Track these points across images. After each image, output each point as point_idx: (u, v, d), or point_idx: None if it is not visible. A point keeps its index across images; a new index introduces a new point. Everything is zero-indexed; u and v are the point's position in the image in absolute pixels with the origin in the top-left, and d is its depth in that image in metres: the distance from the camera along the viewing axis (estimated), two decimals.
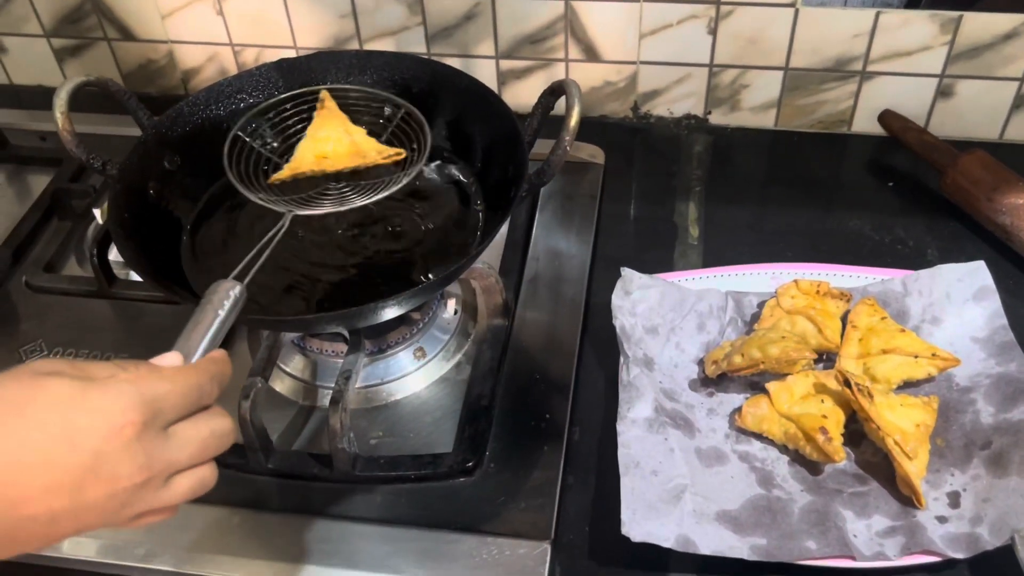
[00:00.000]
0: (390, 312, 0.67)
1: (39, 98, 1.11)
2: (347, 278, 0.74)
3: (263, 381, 0.69)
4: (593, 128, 1.02)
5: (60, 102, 0.70)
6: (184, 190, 0.77)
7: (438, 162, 0.81)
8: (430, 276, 0.72)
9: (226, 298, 0.53)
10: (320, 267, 0.75)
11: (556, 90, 0.70)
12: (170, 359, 0.49)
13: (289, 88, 0.81)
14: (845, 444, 0.69)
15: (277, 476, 0.71)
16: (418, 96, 0.79)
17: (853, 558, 0.62)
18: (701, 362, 0.76)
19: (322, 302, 0.71)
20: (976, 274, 0.76)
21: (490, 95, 0.76)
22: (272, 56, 0.98)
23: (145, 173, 0.74)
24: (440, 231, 0.77)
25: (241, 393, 0.67)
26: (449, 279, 0.70)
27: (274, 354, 0.70)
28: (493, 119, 0.75)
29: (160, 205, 0.75)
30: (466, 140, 0.79)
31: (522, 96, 1.01)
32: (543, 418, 0.74)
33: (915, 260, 0.85)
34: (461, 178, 0.80)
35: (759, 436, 0.71)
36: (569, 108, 0.66)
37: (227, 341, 0.79)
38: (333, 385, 0.69)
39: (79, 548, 0.67)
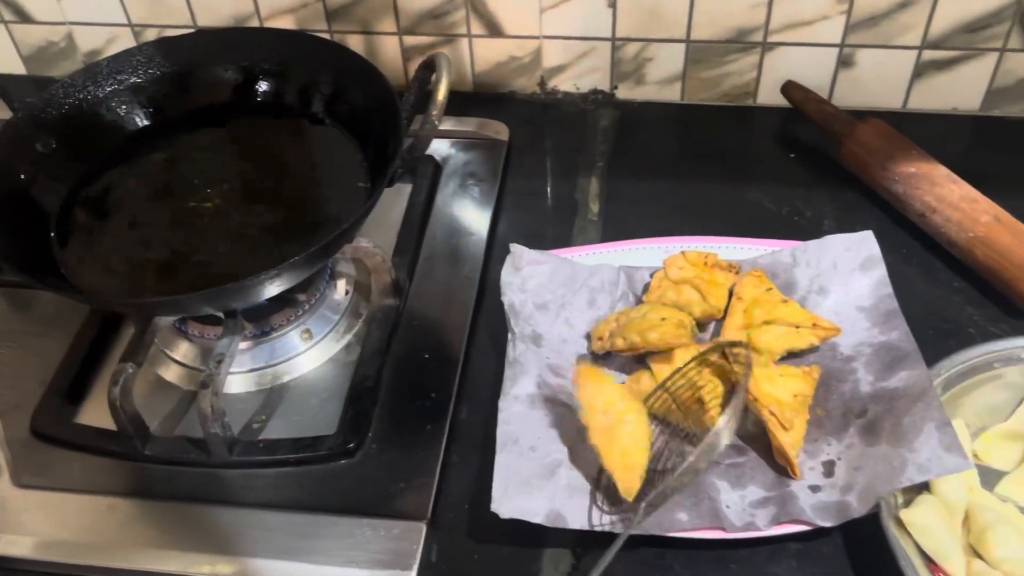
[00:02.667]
0: (258, 291, 0.66)
1: None
2: (224, 257, 0.73)
3: (134, 367, 0.67)
4: (501, 105, 1.01)
5: None
6: (59, 174, 0.75)
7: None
8: None
9: None
10: (194, 247, 0.74)
11: (429, 64, 0.69)
12: None
13: (171, 67, 0.79)
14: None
15: (156, 463, 0.70)
16: (300, 73, 0.77)
17: (724, 529, 0.62)
18: (590, 337, 0.76)
19: (195, 283, 0.70)
20: (863, 244, 0.77)
21: (371, 70, 0.74)
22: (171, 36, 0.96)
23: (15, 155, 0.72)
24: (322, 211, 0.76)
25: (111, 379, 0.66)
26: (315, 257, 0.67)
27: (147, 339, 0.69)
28: (374, 95, 0.74)
29: (31, 189, 0.73)
30: (350, 116, 0.78)
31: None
32: (429, 397, 0.73)
33: (812, 231, 0.85)
34: (347, 154, 0.79)
35: None
36: (437, 81, 0.65)
37: (112, 330, 0.78)
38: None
39: None
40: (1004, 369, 0.69)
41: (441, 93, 0.65)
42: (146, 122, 0.80)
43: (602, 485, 0.65)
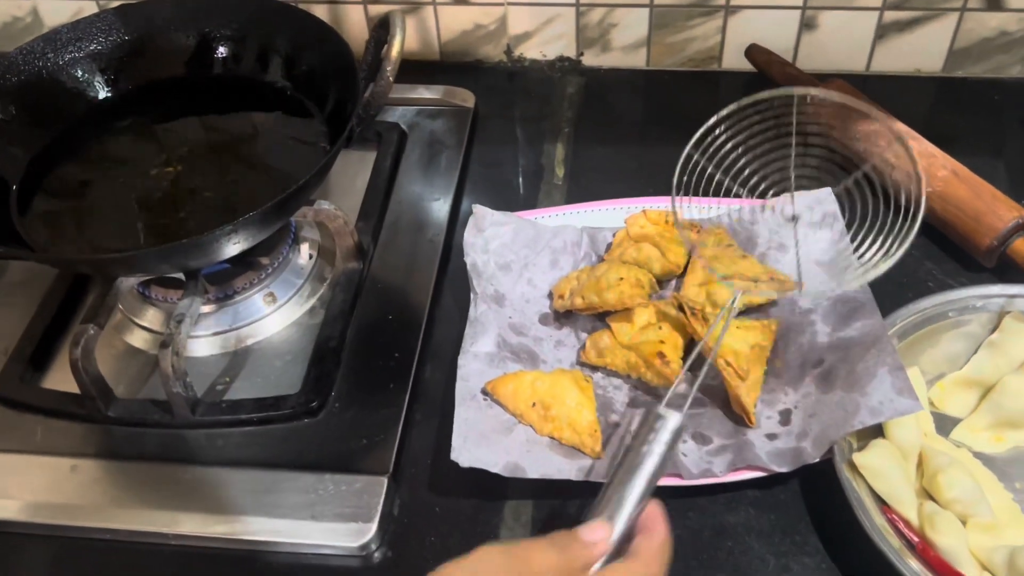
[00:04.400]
0: (216, 249, 0.66)
1: None
2: (186, 222, 0.73)
3: (96, 328, 0.67)
4: (468, 73, 1.01)
5: None
6: (20, 140, 0.75)
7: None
8: None
9: (664, 433, 0.53)
10: (156, 212, 0.74)
11: (384, 23, 0.69)
12: (599, 532, 0.51)
13: (131, 33, 0.79)
14: (687, 370, 0.69)
15: (119, 424, 0.70)
16: (259, 36, 0.77)
17: (681, 476, 0.62)
18: (552, 296, 0.76)
19: (155, 244, 0.70)
20: (823, 201, 0.77)
21: (327, 31, 0.75)
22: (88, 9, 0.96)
23: None
24: (285, 171, 0.76)
25: (71, 341, 0.66)
26: (271, 213, 0.67)
27: (109, 300, 0.69)
28: (330, 56, 0.74)
29: None
30: (308, 80, 0.78)
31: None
32: (392, 358, 0.74)
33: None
34: (307, 118, 0.79)
35: (603, 368, 0.71)
36: (391, 38, 0.66)
37: (76, 299, 0.78)
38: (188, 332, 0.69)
39: None
40: (960, 318, 0.70)
41: (395, 49, 0.66)
42: (107, 89, 0.80)
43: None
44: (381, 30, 0.70)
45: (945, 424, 0.68)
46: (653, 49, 0.99)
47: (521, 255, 0.77)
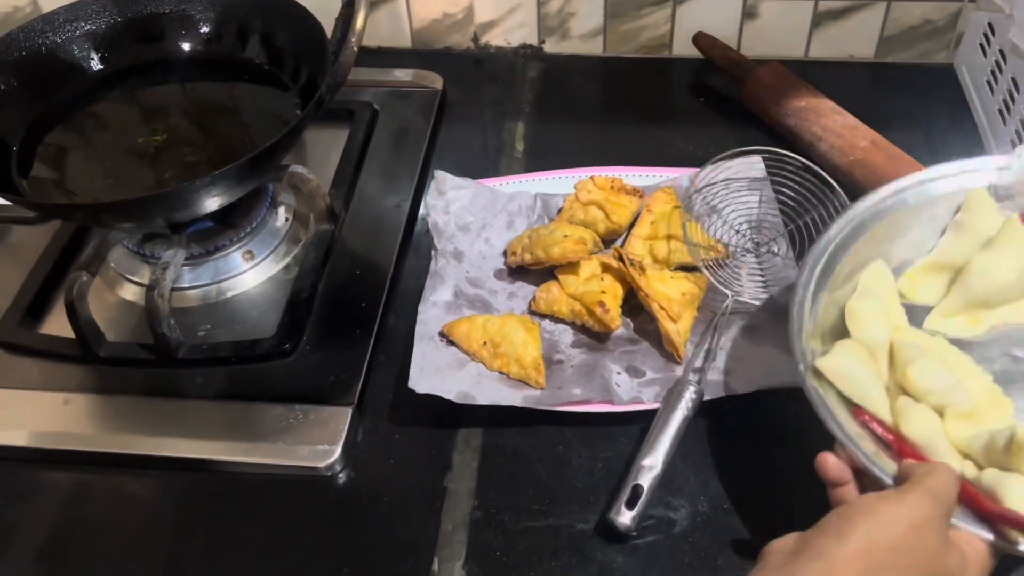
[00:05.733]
0: (196, 201, 0.73)
1: None
2: (170, 182, 0.80)
3: (88, 275, 0.74)
4: (436, 59, 1.09)
5: None
6: (19, 110, 0.82)
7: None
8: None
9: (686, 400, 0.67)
10: (143, 173, 0.81)
11: (350, 1, 0.77)
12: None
13: (124, 14, 0.87)
14: (624, 316, 0.77)
15: (108, 364, 0.77)
16: (236, 17, 0.85)
17: (612, 402, 0.69)
18: (506, 253, 0.83)
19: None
20: (753, 167, 0.85)
21: (300, 10, 0.82)
22: None
23: None
24: (260, 138, 0.83)
25: (66, 286, 0.73)
26: (244, 169, 0.73)
27: (102, 251, 0.76)
28: (303, 33, 0.81)
29: None
30: (280, 54, 0.86)
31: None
32: (359, 307, 0.81)
33: None
34: (281, 91, 0.86)
35: (551, 316, 0.78)
36: (356, 9, 0.73)
37: (69, 257, 0.85)
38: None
39: None
40: (920, 205, 0.68)
41: (359, 21, 0.73)
42: (101, 65, 0.87)
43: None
44: (348, 7, 0.78)
45: (919, 315, 0.66)
46: (609, 37, 1.07)
47: (479, 217, 0.85)
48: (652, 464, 0.64)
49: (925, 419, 0.58)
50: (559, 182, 0.89)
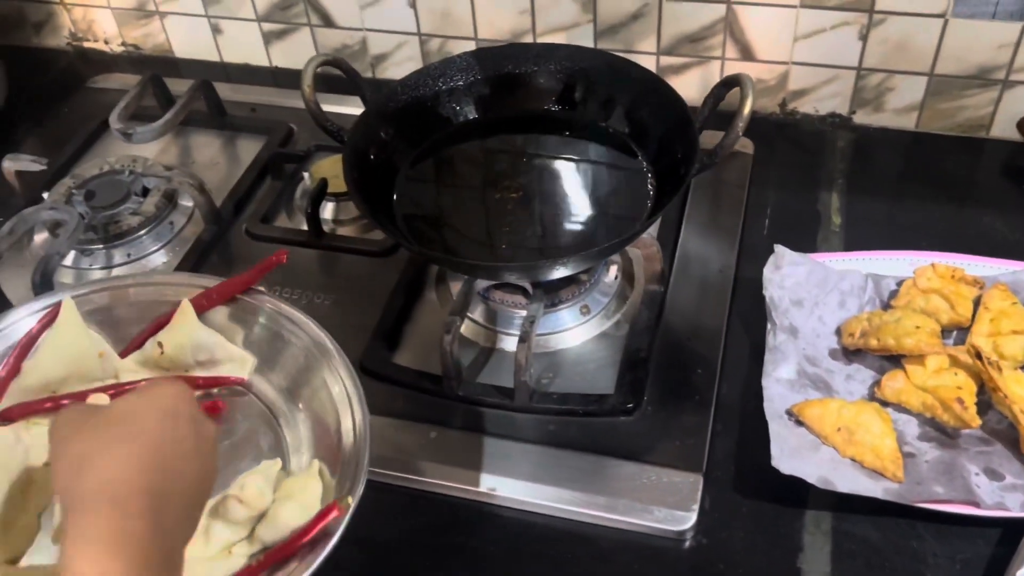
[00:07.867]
0: (565, 270, 0.79)
1: (246, 75, 1.27)
2: (529, 241, 0.86)
3: (461, 319, 0.81)
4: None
5: (307, 77, 0.85)
6: (397, 156, 0.90)
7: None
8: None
9: None
10: (502, 227, 0.88)
11: (729, 83, 0.80)
12: None
13: (484, 74, 0.94)
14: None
15: (466, 403, 0.83)
16: (595, 84, 0.90)
17: (977, 505, 0.70)
18: (840, 333, 0.85)
19: (511, 258, 0.84)
20: None
21: (661, 84, 0.86)
22: (454, 47, 1.12)
23: (367, 140, 0.88)
24: (614, 207, 0.88)
25: (443, 328, 0.80)
26: (621, 245, 0.80)
27: (469, 299, 0.83)
28: (665, 106, 0.86)
29: (379, 166, 0.88)
30: (640, 126, 0.90)
31: (679, 90, 1.11)
32: (695, 372, 0.84)
33: None
34: (635, 160, 0.91)
35: (894, 405, 0.79)
36: (744, 98, 0.76)
37: (417, 290, 0.93)
38: (513, 330, 0.84)
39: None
40: None
41: (747, 108, 0.76)
42: (466, 118, 0.95)
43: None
44: (723, 88, 0.81)
45: None
46: (924, 113, 1.06)
47: (812, 294, 0.86)
48: None
49: None
50: (887, 263, 0.90)
